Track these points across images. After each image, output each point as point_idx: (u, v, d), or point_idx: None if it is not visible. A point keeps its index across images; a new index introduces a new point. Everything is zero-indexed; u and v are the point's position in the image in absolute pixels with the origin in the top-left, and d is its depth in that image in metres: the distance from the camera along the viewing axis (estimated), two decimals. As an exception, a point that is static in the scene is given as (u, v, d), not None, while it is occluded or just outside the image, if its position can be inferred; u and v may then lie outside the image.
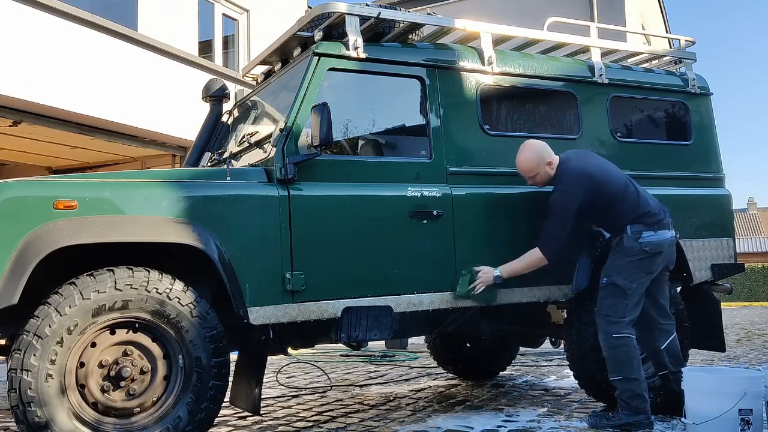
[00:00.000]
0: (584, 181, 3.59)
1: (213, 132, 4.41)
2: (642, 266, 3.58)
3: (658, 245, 3.58)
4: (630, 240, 3.58)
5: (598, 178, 3.61)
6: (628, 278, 3.56)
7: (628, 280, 3.56)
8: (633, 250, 3.57)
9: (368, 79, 3.64)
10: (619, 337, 3.53)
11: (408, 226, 3.50)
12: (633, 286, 3.56)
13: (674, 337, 3.82)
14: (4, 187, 2.78)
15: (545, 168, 3.67)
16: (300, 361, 6.59)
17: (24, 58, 7.19)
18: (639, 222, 3.59)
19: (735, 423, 3.11)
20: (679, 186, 4.36)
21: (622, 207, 3.61)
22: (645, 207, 3.62)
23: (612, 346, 3.56)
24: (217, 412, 3.02)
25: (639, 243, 3.56)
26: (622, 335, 3.53)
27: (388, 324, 3.41)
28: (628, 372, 3.53)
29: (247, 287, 3.09)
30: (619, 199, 3.61)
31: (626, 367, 3.53)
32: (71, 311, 2.72)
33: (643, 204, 3.63)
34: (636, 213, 3.60)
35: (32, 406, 2.63)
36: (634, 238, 3.58)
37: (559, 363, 6.06)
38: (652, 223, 3.60)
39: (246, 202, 3.15)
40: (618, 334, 3.53)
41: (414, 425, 3.77)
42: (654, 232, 3.58)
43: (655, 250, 3.58)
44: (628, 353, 3.54)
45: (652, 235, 3.57)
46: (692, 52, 4.80)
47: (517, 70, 4.02)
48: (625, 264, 3.58)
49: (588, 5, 15.37)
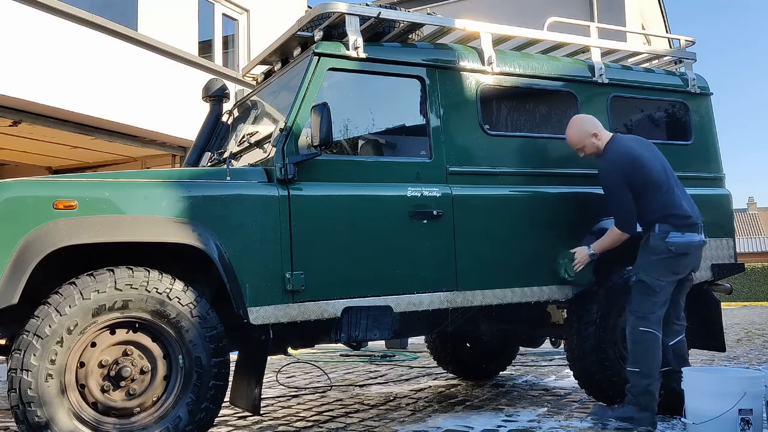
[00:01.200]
0: (623, 159, 3.67)
1: (213, 132, 4.41)
2: (668, 265, 3.63)
3: (683, 246, 3.62)
4: (656, 239, 3.63)
5: (637, 160, 3.66)
6: (655, 276, 3.61)
7: (655, 278, 3.61)
8: (659, 249, 3.62)
9: (368, 79, 3.64)
10: (645, 331, 3.58)
11: (408, 226, 3.50)
12: (661, 284, 3.61)
13: (683, 338, 3.86)
14: (4, 187, 2.78)
15: (591, 139, 3.78)
16: (300, 361, 6.59)
17: (24, 58, 7.19)
18: (668, 222, 3.64)
19: (735, 423, 3.11)
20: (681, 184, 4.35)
21: (655, 200, 3.65)
22: (677, 208, 3.66)
23: (636, 340, 3.61)
24: (217, 412, 3.02)
25: (665, 243, 3.60)
26: (648, 330, 3.58)
27: (388, 324, 3.41)
28: (645, 367, 3.56)
29: (247, 287, 3.09)
30: (652, 191, 3.65)
31: (645, 361, 3.56)
32: (71, 311, 2.72)
33: (675, 204, 3.67)
34: (666, 211, 3.64)
35: (32, 406, 2.63)
36: (660, 237, 3.62)
37: (559, 363, 6.06)
38: (681, 225, 3.64)
39: (246, 201, 3.15)
40: (645, 328, 3.59)
41: (414, 425, 3.77)
42: (681, 234, 3.62)
43: (681, 251, 3.62)
44: (651, 349, 3.58)
45: (679, 236, 3.62)
46: (692, 52, 4.80)
47: (517, 70, 4.02)
48: (652, 262, 3.64)
49: (588, 5, 15.36)
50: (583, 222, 3.98)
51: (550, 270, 3.86)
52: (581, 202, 4.03)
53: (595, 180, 4.13)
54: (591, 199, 4.04)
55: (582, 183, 4.08)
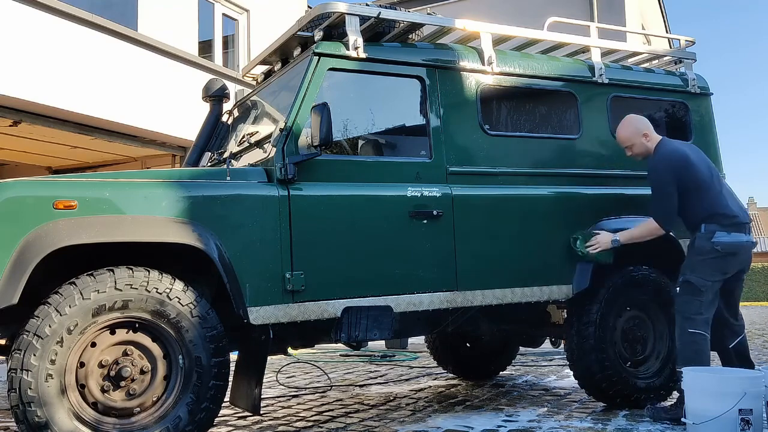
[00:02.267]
0: (675, 157, 3.73)
1: (213, 132, 4.41)
2: (715, 265, 3.64)
3: (730, 246, 3.64)
4: (702, 239, 3.66)
5: (688, 160, 3.73)
6: (702, 276, 3.63)
7: (701, 278, 3.62)
8: (705, 249, 3.64)
9: (368, 79, 3.64)
10: (694, 333, 3.60)
11: (408, 226, 3.50)
12: (707, 284, 3.62)
13: (743, 337, 3.88)
14: (4, 187, 2.78)
15: (641, 139, 3.84)
16: (300, 361, 6.59)
17: (24, 58, 7.19)
18: (714, 221, 3.67)
19: (735, 423, 3.11)
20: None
21: (702, 200, 3.69)
22: (724, 207, 3.69)
23: (685, 342, 3.62)
24: (217, 412, 3.02)
25: (711, 243, 3.63)
26: (696, 331, 3.60)
27: (388, 324, 3.41)
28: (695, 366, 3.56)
29: (247, 287, 3.09)
30: (701, 190, 3.69)
31: (694, 362, 3.57)
32: (71, 311, 2.72)
33: (722, 204, 3.70)
34: (713, 211, 3.67)
35: (32, 406, 2.63)
36: (706, 237, 3.65)
37: (559, 363, 6.06)
38: (727, 225, 3.66)
39: (246, 201, 3.15)
40: (693, 329, 3.60)
41: (414, 425, 3.77)
42: (727, 234, 3.65)
43: (728, 250, 3.63)
44: (699, 350, 3.59)
45: (725, 236, 3.64)
46: (692, 52, 4.80)
47: (517, 70, 4.02)
48: (698, 262, 3.66)
49: (588, 5, 15.35)
50: (582, 222, 3.98)
51: (550, 270, 3.86)
52: (581, 203, 4.02)
53: (595, 180, 4.14)
54: (591, 200, 4.04)
55: (582, 183, 4.08)
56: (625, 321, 4.12)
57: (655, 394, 4.06)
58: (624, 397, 3.99)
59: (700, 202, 3.69)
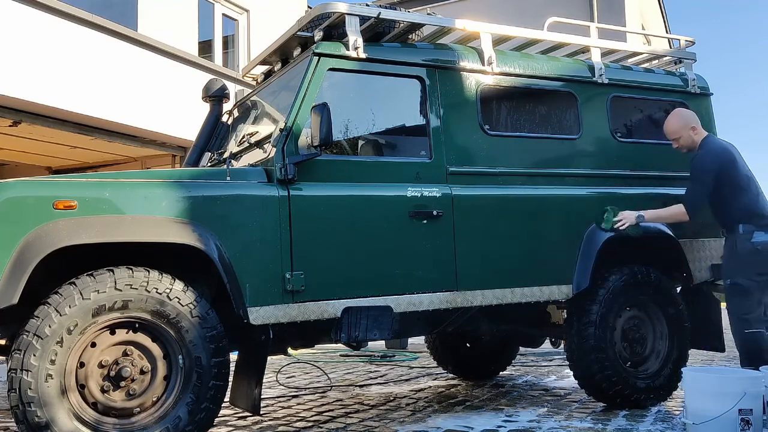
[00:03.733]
0: (722, 152, 3.91)
1: (213, 132, 4.41)
2: (758, 265, 3.76)
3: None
4: (742, 240, 3.79)
5: (734, 158, 3.92)
6: (747, 276, 3.75)
7: (746, 278, 3.75)
8: (745, 250, 3.77)
9: (368, 79, 3.64)
10: (751, 332, 3.72)
11: (408, 226, 3.50)
12: (753, 283, 3.74)
13: None
14: (4, 187, 2.78)
15: (689, 132, 4.02)
16: (300, 361, 6.59)
17: (24, 58, 7.19)
18: (751, 222, 3.80)
19: (735, 423, 3.11)
20: (679, 186, 4.36)
21: (741, 199, 3.83)
22: (761, 208, 3.84)
23: (744, 340, 3.75)
24: (217, 412, 3.02)
25: (751, 243, 3.76)
26: (753, 330, 3.72)
27: (388, 324, 3.41)
28: (759, 363, 3.62)
29: (247, 287, 3.09)
30: (741, 189, 3.84)
31: (758, 358, 3.67)
32: (71, 311, 2.72)
33: (760, 204, 3.85)
34: (750, 210, 3.81)
35: (32, 406, 2.63)
36: (746, 237, 3.78)
37: (559, 363, 6.06)
38: (764, 225, 3.79)
39: (246, 202, 3.15)
40: (749, 329, 3.72)
41: (414, 425, 3.77)
42: (765, 233, 3.77)
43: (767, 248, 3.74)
44: (761, 347, 3.71)
45: (764, 235, 3.77)
46: (692, 52, 4.80)
47: (517, 70, 4.02)
48: (741, 263, 3.78)
49: (588, 5, 15.36)
50: (582, 222, 3.98)
51: (550, 270, 3.86)
52: (581, 203, 4.02)
53: (595, 180, 4.14)
54: (591, 200, 4.04)
55: (582, 183, 4.08)
56: (625, 321, 4.12)
57: (655, 394, 4.06)
58: (624, 397, 3.99)
59: (738, 201, 3.82)
